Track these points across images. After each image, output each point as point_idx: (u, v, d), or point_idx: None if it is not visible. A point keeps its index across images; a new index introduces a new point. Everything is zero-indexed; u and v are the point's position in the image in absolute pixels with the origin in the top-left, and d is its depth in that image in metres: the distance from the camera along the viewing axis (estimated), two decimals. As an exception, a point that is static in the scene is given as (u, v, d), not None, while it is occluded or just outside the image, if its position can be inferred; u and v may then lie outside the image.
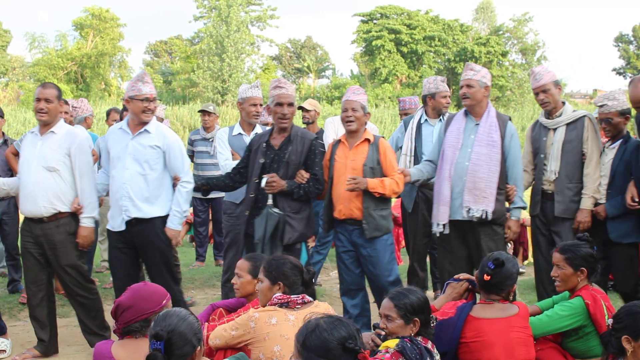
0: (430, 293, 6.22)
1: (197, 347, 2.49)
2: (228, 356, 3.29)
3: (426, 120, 5.79)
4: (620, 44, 44.69)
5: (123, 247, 4.73)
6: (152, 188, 4.65)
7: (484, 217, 4.63)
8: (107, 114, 7.90)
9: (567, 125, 4.91)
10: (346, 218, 4.79)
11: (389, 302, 3.16)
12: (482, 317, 3.44)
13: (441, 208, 4.78)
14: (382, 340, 3.13)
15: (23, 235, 4.75)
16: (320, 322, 2.30)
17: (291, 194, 4.68)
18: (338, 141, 4.93)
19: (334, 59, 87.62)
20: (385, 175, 4.73)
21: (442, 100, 5.77)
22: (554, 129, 4.95)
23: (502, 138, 4.70)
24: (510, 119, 4.86)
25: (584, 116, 4.91)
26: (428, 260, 6.26)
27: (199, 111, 8.31)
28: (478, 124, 4.76)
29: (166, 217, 4.67)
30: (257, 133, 5.35)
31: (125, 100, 4.74)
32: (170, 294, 3.02)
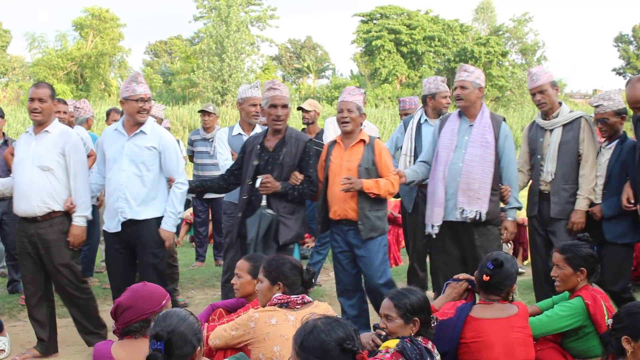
0: (430, 293, 6.21)
1: (197, 347, 2.49)
2: (228, 356, 3.29)
3: (426, 120, 5.79)
4: (620, 44, 44.69)
5: (120, 248, 4.74)
6: (149, 189, 4.66)
7: (478, 218, 4.64)
8: (107, 114, 7.90)
9: (564, 126, 4.91)
10: (341, 219, 4.80)
11: (389, 302, 3.16)
12: (482, 318, 3.44)
13: (435, 209, 4.79)
14: (383, 340, 3.13)
15: (18, 235, 4.75)
16: (317, 323, 2.30)
17: (285, 196, 4.68)
18: (334, 142, 4.94)
19: (334, 59, 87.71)
20: (380, 176, 4.73)
21: (443, 100, 5.77)
22: (551, 130, 4.96)
23: (496, 139, 4.71)
24: (504, 120, 4.87)
25: (580, 117, 4.91)
26: (428, 260, 6.25)
27: (199, 111, 8.30)
28: (472, 125, 4.77)
29: (161, 218, 4.68)
30: (257, 133, 5.35)
31: (120, 101, 4.75)
32: None
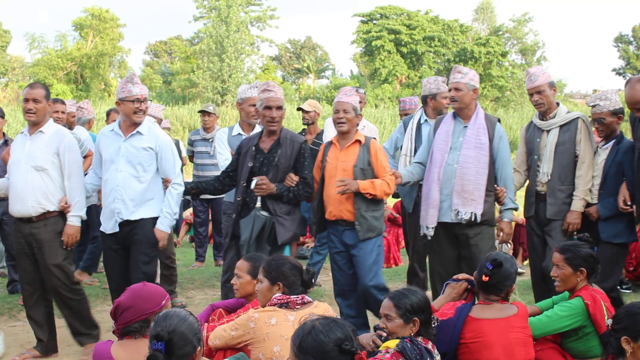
0: (430, 293, 6.21)
1: (197, 347, 2.49)
2: (228, 356, 3.30)
3: (426, 120, 5.78)
4: (620, 45, 44.68)
5: (117, 249, 4.74)
6: (145, 190, 4.66)
7: (473, 220, 4.65)
8: (107, 115, 7.90)
9: (561, 127, 4.91)
10: (337, 219, 4.80)
11: (389, 302, 3.16)
12: (482, 318, 3.44)
13: (430, 211, 4.79)
14: (383, 341, 3.13)
15: (15, 235, 4.76)
16: (315, 324, 2.30)
17: (281, 197, 4.68)
18: (330, 142, 4.94)
19: (334, 60, 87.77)
20: (376, 176, 4.73)
21: (443, 101, 5.75)
22: (548, 131, 4.96)
23: (491, 140, 4.72)
24: (499, 121, 4.87)
25: (578, 118, 4.91)
26: (428, 260, 6.25)
27: (199, 111, 8.31)
28: (466, 126, 4.77)
29: (157, 219, 4.69)
30: (252, 134, 5.35)
31: (116, 102, 4.75)
32: None
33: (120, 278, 4.71)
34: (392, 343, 3.00)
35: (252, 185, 4.64)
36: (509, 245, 8.19)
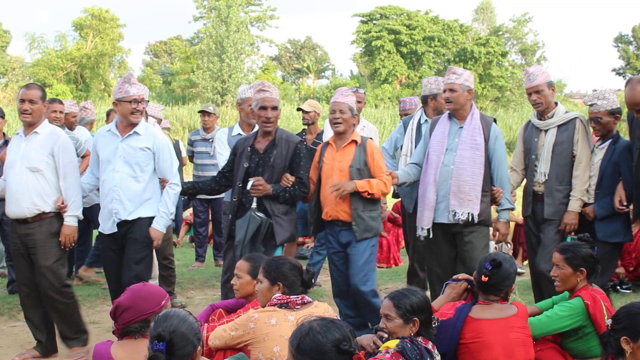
0: (429, 293, 6.21)
1: (198, 347, 2.50)
2: (228, 356, 3.30)
3: (426, 120, 5.77)
4: (619, 45, 44.65)
5: (115, 249, 4.74)
6: (143, 190, 4.65)
7: (470, 220, 4.65)
8: (107, 115, 7.92)
9: (559, 127, 4.91)
10: (333, 219, 4.80)
11: (389, 302, 3.17)
12: (481, 318, 3.44)
13: (426, 212, 4.79)
14: (384, 342, 3.13)
15: (12, 236, 4.75)
16: (313, 325, 2.30)
17: (277, 198, 4.68)
18: (327, 143, 4.94)
19: (334, 60, 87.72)
20: (372, 176, 4.73)
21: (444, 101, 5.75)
22: (545, 130, 4.96)
23: (486, 141, 4.71)
24: (495, 121, 4.87)
25: (575, 118, 4.91)
26: (428, 260, 6.25)
27: (199, 112, 8.31)
28: (462, 127, 4.76)
29: (153, 219, 4.68)
30: (247, 134, 5.34)
31: (113, 102, 4.74)
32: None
33: (118, 278, 4.70)
34: (392, 343, 3.00)
35: (249, 186, 4.64)
36: (509, 245, 8.20)
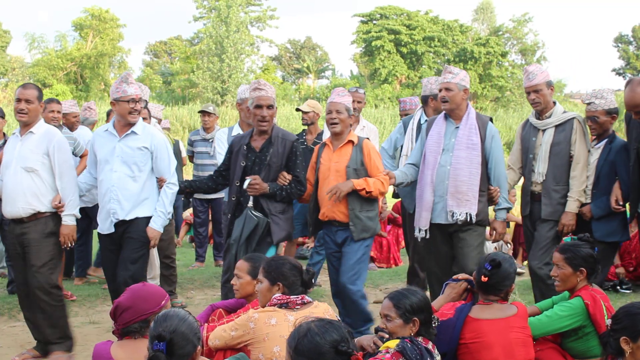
0: (430, 293, 6.21)
1: (197, 347, 2.50)
2: (228, 356, 3.30)
3: (426, 120, 5.78)
4: (619, 45, 44.64)
5: (113, 249, 4.74)
6: (140, 190, 4.65)
7: (469, 220, 4.64)
8: (108, 115, 7.92)
9: (556, 127, 4.92)
10: (329, 220, 4.80)
11: (389, 302, 3.17)
12: (481, 318, 3.44)
13: (423, 213, 4.80)
14: (384, 342, 3.13)
15: (9, 237, 4.76)
16: (311, 326, 2.29)
17: (274, 196, 4.67)
18: (324, 144, 4.95)
19: (334, 60, 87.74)
20: (369, 176, 4.73)
21: (444, 101, 5.75)
22: (543, 130, 4.96)
23: (483, 140, 4.71)
24: (491, 120, 4.86)
25: (573, 118, 4.91)
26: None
27: (199, 112, 8.32)
28: (458, 127, 4.76)
29: (151, 218, 4.68)
30: (242, 133, 5.33)
31: (110, 102, 4.73)
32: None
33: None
34: (393, 343, 3.00)
35: (245, 184, 4.64)
36: (509, 245, 8.20)
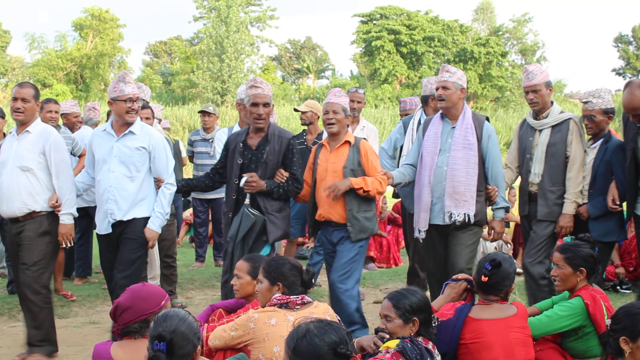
0: (429, 294, 6.21)
1: (197, 347, 2.50)
2: (228, 357, 3.30)
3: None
4: (619, 45, 44.64)
5: (112, 250, 4.72)
6: (138, 190, 4.64)
7: (467, 221, 4.63)
8: (108, 115, 7.91)
9: (553, 127, 4.92)
10: (326, 220, 4.80)
11: (388, 302, 3.17)
12: (481, 318, 3.44)
13: (422, 214, 4.78)
14: (384, 343, 3.13)
15: (7, 237, 4.76)
16: (310, 327, 2.29)
17: (271, 194, 4.67)
18: (321, 144, 4.95)
19: (334, 60, 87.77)
20: (367, 176, 4.72)
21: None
22: (540, 130, 4.96)
23: (479, 140, 4.70)
24: (487, 119, 4.85)
25: (569, 119, 4.90)
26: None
27: (199, 112, 8.33)
28: (454, 127, 4.74)
29: (148, 219, 4.66)
30: (238, 130, 5.32)
31: (108, 102, 4.73)
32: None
33: None
34: (393, 343, 3.00)
35: (242, 182, 4.63)
36: (509, 245, 8.20)
